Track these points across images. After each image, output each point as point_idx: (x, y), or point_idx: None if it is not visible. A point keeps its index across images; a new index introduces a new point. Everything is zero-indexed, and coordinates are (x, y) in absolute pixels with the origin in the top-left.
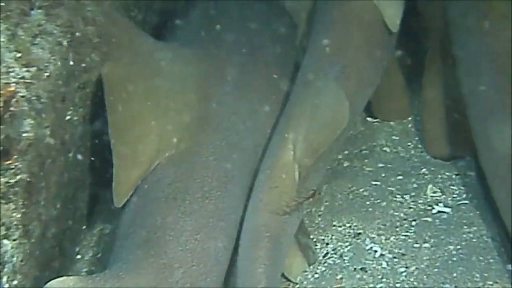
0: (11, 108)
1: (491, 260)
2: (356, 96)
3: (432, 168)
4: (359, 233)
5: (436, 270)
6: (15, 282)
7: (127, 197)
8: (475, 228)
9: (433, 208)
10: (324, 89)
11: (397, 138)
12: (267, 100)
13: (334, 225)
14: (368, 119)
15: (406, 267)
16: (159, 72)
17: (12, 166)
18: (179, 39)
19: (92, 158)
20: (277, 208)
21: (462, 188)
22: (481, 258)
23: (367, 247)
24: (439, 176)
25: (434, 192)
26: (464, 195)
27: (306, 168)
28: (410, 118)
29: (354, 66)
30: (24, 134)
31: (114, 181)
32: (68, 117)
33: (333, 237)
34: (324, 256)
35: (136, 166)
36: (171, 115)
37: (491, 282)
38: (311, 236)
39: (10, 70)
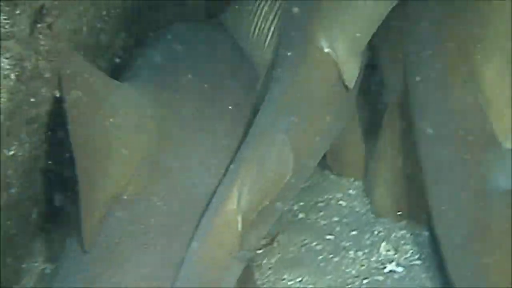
0: None
1: None
2: (308, 150)
3: (387, 226)
4: None
5: None
6: None
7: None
8: None
9: (386, 266)
10: (273, 141)
11: (354, 192)
12: (221, 147)
13: (285, 279)
14: (326, 172)
15: None
16: (113, 113)
17: None
18: (137, 77)
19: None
20: (215, 260)
21: (415, 247)
22: None
23: None
24: (393, 234)
25: (387, 250)
26: (417, 255)
27: (250, 220)
28: None
29: (308, 120)
30: None
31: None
32: (11, 152)
33: None
34: None
35: (99, 207)
36: (122, 157)
37: None
38: None
39: None
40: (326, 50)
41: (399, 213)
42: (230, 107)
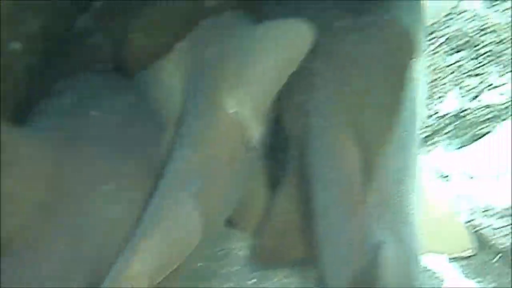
0: None
1: None
2: (215, 211)
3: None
4: None
5: None
6: None
7: None
8: None
9: None
10: (181, 204)
11: None
12: (123, 199)
13: None
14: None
15: None
16: (9, 158)
17: None
18: (40, 123)
19: None
20: None
21: None
22: None
23: None
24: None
25: None
26: None
27: (155, 282)
28: None
29: (216, 182)
30: None
31: None
32: None
33: None
34: None
35: None
36: (16, 200)
37: None
38: None
39: None
40: (231, 111)
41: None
42: (134, 159)
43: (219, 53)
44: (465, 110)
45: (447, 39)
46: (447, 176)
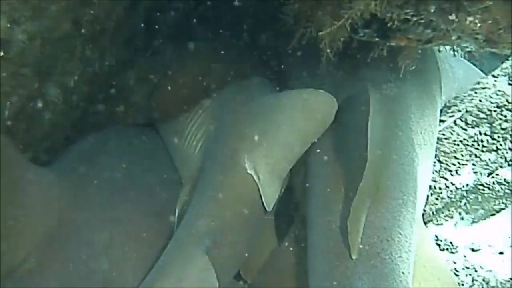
0: None
1: None
2: (226, 267)
3: None
4: None
5: None
6: None
7: None
8: None
9: None
10: (194, 259)
11: None
12: (126, 243)
13: None
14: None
15: None
16: (21, 191)
17: None
18: (59, 164)
19: None
20: None
21: None
22: None
23: None
24: None
25: None
26: None
27: None
28: None
29: (228, 240)
30: None
31: None
32: None
33: None
34: None
35: None
36: (22, 235)
37: None
38: None
39: None
40: (248, 171)
41: None
42: (143, 208)
43: (243, 115)
44: (481, 185)
45: (466, 112)
46: (455, 247)
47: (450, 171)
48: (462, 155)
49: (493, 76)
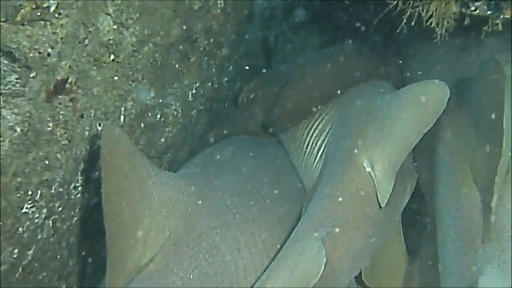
0: None
1: None
2: (340, 260)
3: None
4: None
5: None
6: None
7: None
8: None
9: None
10: (308, 247)
11: None
12: (251, 246)
13: None
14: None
15: None
16: (148, 195)
17: None
18: (186, 170)
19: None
20: None
21: None
22: None
23: None
24: None
25: None
26: None
27: None
28: None
29: (345, 233)
30: None
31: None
32: (25, 210)
33: None
34: None
35: (121, 279)
36: (149, 236)
37: None
38: None
39: None
40: (367, 169)
41: None
42: (267, 212)
43: (362, 117)
44: None
45: None
46: None
47: None
48: None
49: None
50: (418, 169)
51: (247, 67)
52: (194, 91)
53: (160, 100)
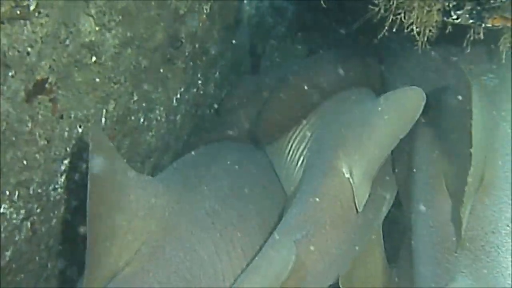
0: None
1: None
2: (316, 264)
3: None
4: None
5: None
6: None
7: None
8: None
9: None
10: (282, 248)
11: None
12: (230, 250)
13: None
14: None
15: None
16: (126, 198)
17: None
18: (164, 174)
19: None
20: None
21: None
22: None
23: None
24: None
25: None
26: None
27: None
28: None
29: (321, 237)
30: None
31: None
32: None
33: None
34: None
35: (98, 281)
36: (126, 240)
37: None
38: None
39: None
40: (346, 175)
41: None
42: (248, 218)
43: (341, 124)
44: None
45: None
46: None
47: None
48: None
49: None
50: (397, 178)
51: (233, 74)
52: (178, 96)
53: (144, 104)
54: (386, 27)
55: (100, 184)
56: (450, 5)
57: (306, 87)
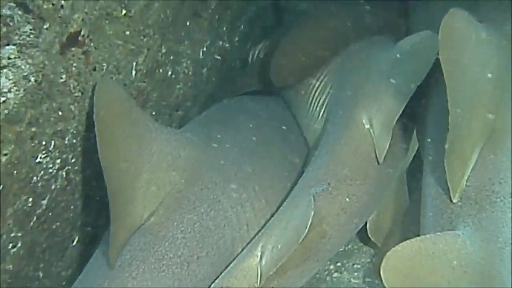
0: None
1: None
2: (338, 216)
3: None
4: None
5: None
6: None
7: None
8: None
9: None
10: (302, 202)
11: None
12: (254, 201)
13: None
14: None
15: None
16: (148, 150)
17: None
18: (187, 127)
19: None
20: None
21: None
22: None
23: None
24: None
25: None
26: None
27: (268, 275)
28: None
29: (341, 189)
30: None
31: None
32: (38, 160)
33: None
34: None
35: (125, 232)
36: (150, 191)
37: None
38: None
39: None
40: (366, 126)
41: None
42: (271, 167)
43: (360, 74)
44: None
45: None
46: None
47: None
48: None
49: None
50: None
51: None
52: (205, 49)
53: (171, 57)
54: None
55: (116, 135)
56: None
57: (321, 31)
